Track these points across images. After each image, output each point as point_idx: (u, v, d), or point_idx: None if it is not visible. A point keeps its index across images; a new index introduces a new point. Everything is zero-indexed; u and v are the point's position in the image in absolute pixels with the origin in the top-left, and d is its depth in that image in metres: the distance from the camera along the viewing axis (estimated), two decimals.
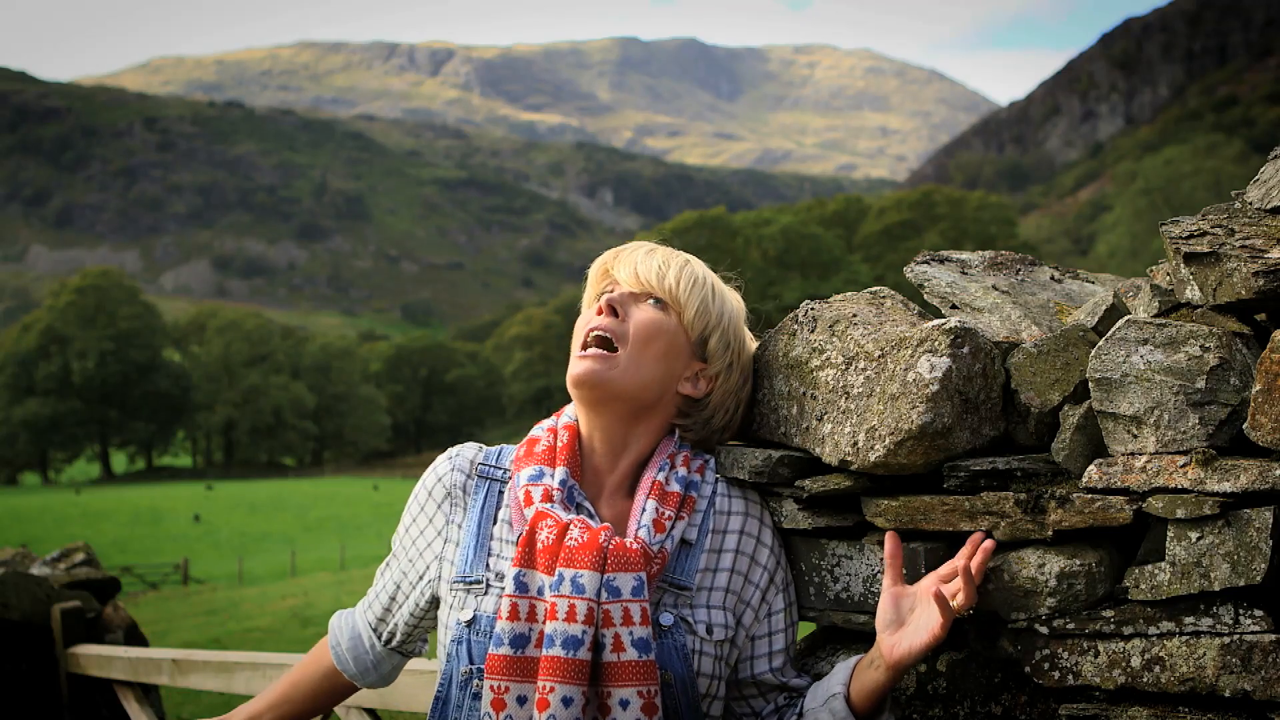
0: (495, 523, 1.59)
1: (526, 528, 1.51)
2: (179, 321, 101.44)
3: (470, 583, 1.54)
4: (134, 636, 4.99)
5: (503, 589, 1.51)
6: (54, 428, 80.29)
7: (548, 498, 1.53)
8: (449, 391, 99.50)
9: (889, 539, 1.56)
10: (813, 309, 1.78)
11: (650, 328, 1.60)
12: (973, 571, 1.46)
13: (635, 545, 1.51)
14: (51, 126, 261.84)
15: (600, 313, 1.59)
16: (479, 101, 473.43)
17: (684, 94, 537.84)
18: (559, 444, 1.60)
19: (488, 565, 1.55)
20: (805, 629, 1.95)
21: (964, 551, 1.50)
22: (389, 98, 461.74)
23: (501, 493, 1.62)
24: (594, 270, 1.70)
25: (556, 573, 1.46)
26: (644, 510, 1.56)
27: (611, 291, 1.63)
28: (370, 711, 3.01)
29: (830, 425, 1.67)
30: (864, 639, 1.73)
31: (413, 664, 2.84)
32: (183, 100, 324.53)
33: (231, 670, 3.63)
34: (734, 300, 1.72)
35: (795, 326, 1.78)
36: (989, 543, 1.48)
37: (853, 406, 1.64)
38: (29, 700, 4.66)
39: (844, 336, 1.70)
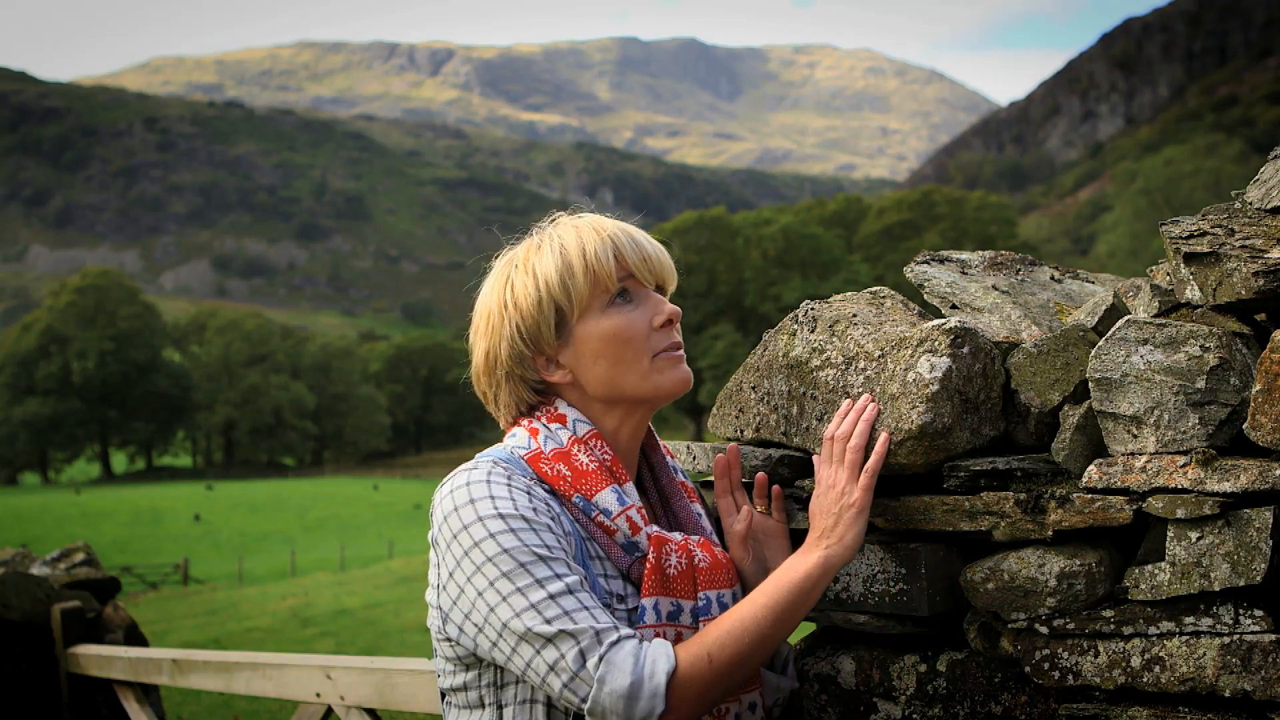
0: (582, 541, 1.49)
1: (652, 554, 1.47)
2: (179, 321, 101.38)
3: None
4: (134, 636, 4.99)
5: (626, 611, 1.46)
6: (54, 428, 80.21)
7: (645, 519, 1.50)
8: (449, 391, 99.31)
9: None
10: (813, 309, 1.78)
11: None
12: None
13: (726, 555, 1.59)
14: (51, 126, 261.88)
15: (670, 325, 1.55)
16: (479, 101, 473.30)
17: (684, 94, 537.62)
18: (604, 456, 1.52)
19: (599, 586, 1.47)
20: (805, 628, 1.95)
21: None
22: (389, 98, 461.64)
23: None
24: (603, 257, 1.51)
25: (701, 596, 1.50)
26: (700, 516, 1.63)
27: (634, 286, 1.54)
28: (370, 711, 3.01)
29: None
30: (864, 639, 1.73)
31: (413, 664, 2.84)
32: (183, 100, 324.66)
33: (231, 670, 3.62)
34: None
35: (795, 326, 1.78)
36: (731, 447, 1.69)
37: None
38: (29, 700, 4.66)
39: (844, 336, 1.69)
